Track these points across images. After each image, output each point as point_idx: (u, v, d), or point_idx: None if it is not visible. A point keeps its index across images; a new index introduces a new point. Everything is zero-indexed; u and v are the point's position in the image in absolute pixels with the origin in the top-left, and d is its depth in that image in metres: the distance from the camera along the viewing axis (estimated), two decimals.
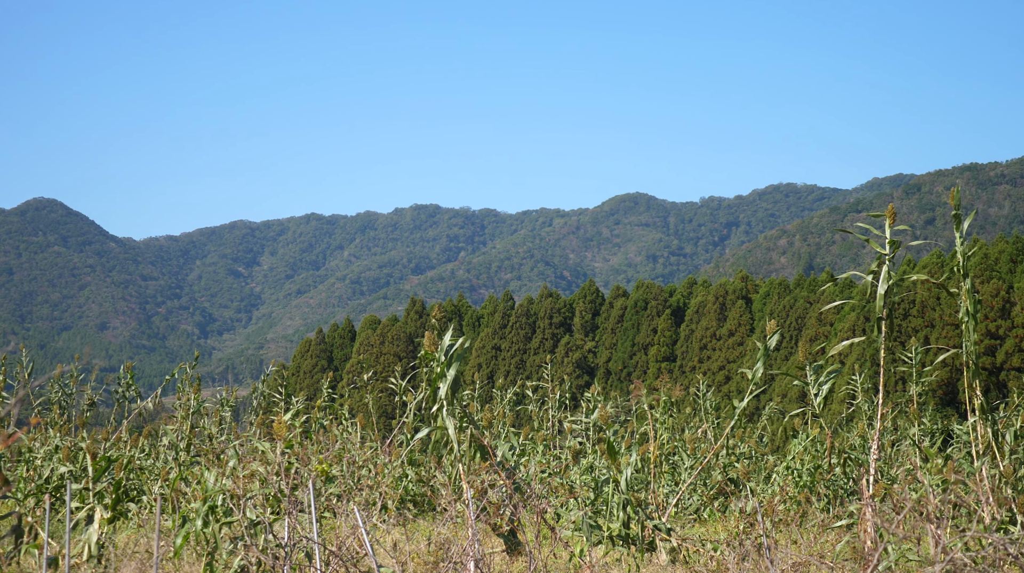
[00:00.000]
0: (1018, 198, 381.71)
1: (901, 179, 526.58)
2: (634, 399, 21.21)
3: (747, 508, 13.78)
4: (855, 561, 12.45)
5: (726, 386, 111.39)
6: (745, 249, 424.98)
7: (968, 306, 14.31)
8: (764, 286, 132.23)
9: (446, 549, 12.18)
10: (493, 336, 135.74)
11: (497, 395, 29.29)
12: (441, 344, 13.48)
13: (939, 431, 21.07)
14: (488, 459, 13.62)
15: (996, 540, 9.21)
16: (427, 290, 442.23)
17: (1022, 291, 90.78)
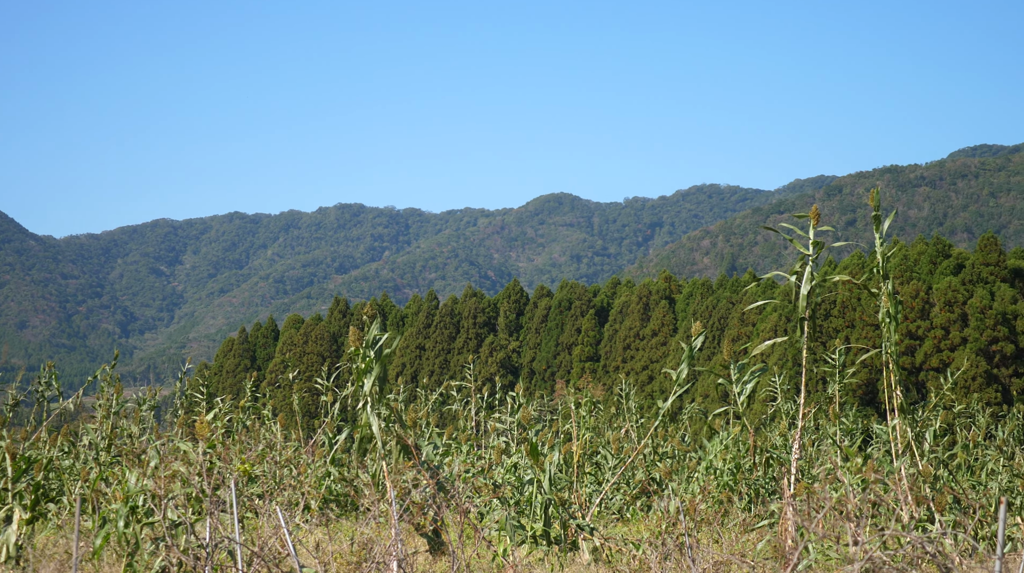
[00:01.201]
0: (937, 200, 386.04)
1: (822, 181, 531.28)
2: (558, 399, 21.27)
3: (669, 507, 13.83)
4: (776, 560, 12.54)
5: (649, 386, 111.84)
6: (669, 249, 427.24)
7: (888, 307, 14.45)
8: (687, 286, 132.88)
9: (369, 549, 12.14)
10: (417, 336, 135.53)
11: (421, 395, 29.26)
12: (366, 339, 13.44)
13: (859, 431, 21.25)
14: (412, 458, 13.60)
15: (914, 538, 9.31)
16: (351, 289, 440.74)
17: (941, 292, 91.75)
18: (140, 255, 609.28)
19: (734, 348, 15.44)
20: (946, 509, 13.87)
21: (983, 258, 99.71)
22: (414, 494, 13.48)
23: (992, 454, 19.30)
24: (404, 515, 13.10)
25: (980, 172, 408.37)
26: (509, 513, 14.15)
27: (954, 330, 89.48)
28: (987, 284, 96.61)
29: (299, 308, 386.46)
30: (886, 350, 14.46)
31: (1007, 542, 14.54)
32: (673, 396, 15.59)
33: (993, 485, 17.68)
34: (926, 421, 18.14)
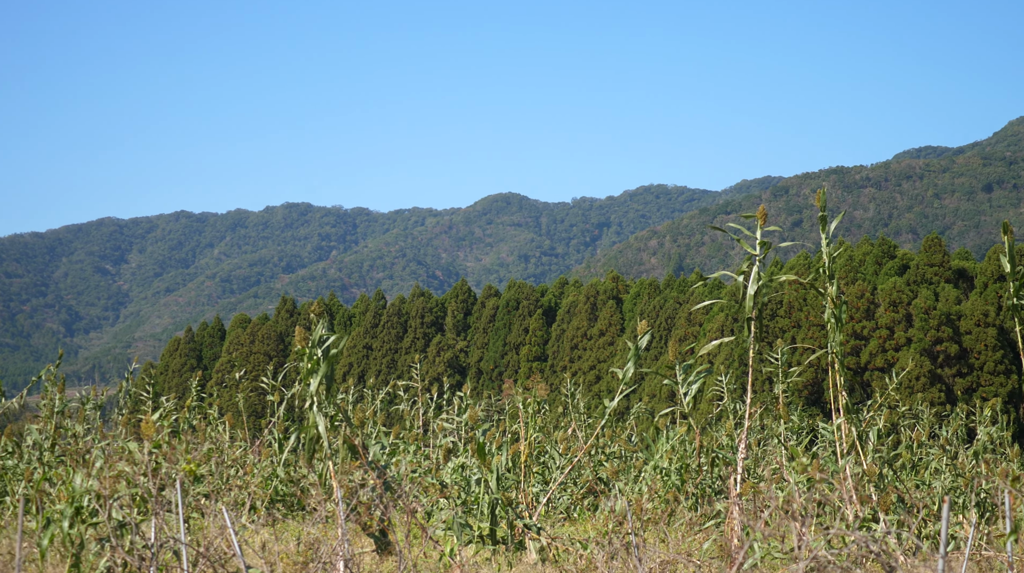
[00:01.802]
0: (882, 201, 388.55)
1: (769, 181, 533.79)
2: (505, 398, 21.27)
3: (616, 507, 13.86)
4: (722, 559, 12.59)
5: (596, 386, 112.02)
6: (616, 249, 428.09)
7: (833, 307, 14.52)
8: (635, 286, 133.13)
9: (315, 549, 12.11)
10: (364, 335, 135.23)
11: (368, 394, 29.20)
12: (313, 339, 13.40)
13: (805, 430, 21.36)
14: (359, 458, 13.58)
15: (859, 537, 9.37)
16: (298, 289, 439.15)
17: (886, 293, 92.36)
18: (85, 254, 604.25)
19: (681, 348, 15.49)
20: (890, 508, 13.95)
21: (928, 259, 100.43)
22: (361, 494, 13.46)
23: (936, 453, 19.43)
24: (351, 515, 13.08)
25: (925, 173, 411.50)
26: (456, 513, 14.15)
27: (899, 330, 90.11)
28: (931, 285, 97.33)
29: (246, 307, 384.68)
30: (831, 350, 14.54)
31: (950, 541, 14.65)
32: (620, 395, 15.62)
33: (937, 484, 17.80)
34: (871, 421, 18.26)
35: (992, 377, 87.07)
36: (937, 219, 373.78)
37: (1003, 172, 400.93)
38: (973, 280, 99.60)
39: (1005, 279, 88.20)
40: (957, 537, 14.67)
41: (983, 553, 12.42)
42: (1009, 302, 13.91)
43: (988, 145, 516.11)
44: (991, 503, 16.59)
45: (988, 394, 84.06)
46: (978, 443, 20.29)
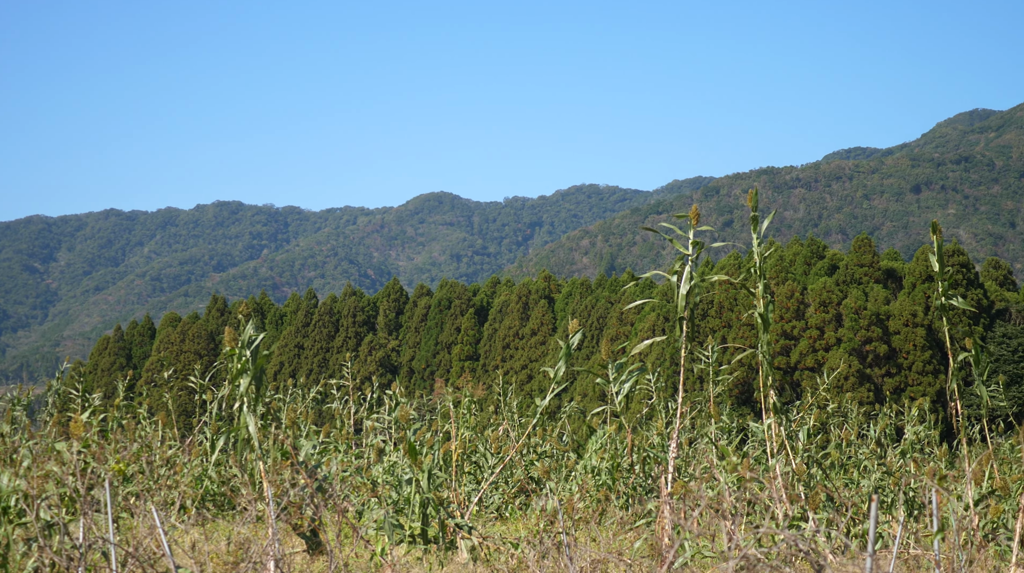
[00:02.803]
0: (812, 202, 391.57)
1: (700, 182, 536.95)
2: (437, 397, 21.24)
3: (547, 506, 13.87)
4: (653, 558, 12.62)
5: (528, 385, 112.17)
6: (548, 249, 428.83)
7: (763, 307, 14.60)
8: (567, 286, 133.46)
9: (246, 549, 12.05)
10: (296, 334, 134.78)
11: (300, 394, 29.09)
12: (242, 338, 13.33)
13: (736, 429, 21.46)
14: (290, 458, 13.53)
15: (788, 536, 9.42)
16: (229, 288, 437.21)
17: (816, 293, 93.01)
18: (13, 252, 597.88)
19: (612, 347, 15.52)
20: (820, 507, 14.05)
21: (857, 259, 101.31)
22: (292, 494, 13.40)
23: (864, 453, 19.59)
24: (282, 515, 13.03)
25: (854, 174, 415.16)
26: (387, 512, 14.12)
27: (829, 330, 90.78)
28: (861, 285, 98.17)
29: (177, 306, 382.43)
30: (761, 350, 14.61)
31: (878, 539, 14.77)
32: (551, 394, 15.63)
33: (865, 483, 17.95)
34: (801, 420, 18.37)
35: (920, 377, 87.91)
36: (866, 220, 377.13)
37: (931, 173, 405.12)
38: (902, 280, 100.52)
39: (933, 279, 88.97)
40: (885, 535, 14.78)
41: (911, 551, 12.53)
42: (937, 302, 14.02)
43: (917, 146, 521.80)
44: (919, 502, 16.74)
45: (916, 394, 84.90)
46: (906, 442, 20.47)
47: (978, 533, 12.63)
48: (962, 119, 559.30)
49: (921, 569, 12.29)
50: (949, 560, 10.92)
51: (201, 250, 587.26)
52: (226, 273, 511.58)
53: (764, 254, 14.67)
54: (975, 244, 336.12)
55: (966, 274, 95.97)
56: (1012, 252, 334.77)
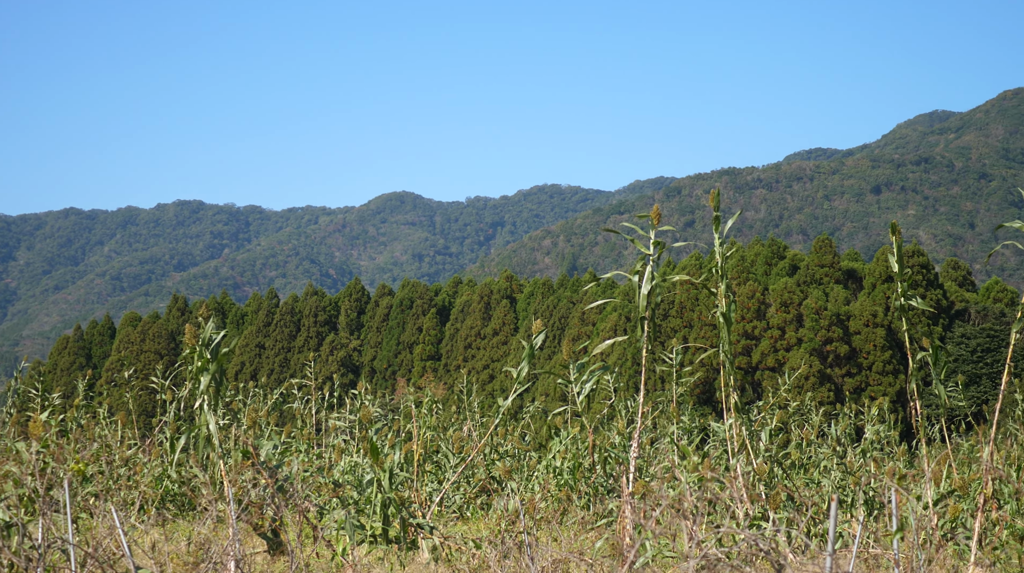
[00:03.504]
0: (773, 202, 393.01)
1: (662, 182, 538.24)
2: (399, 397, 21.22)
3: (509, 506, 13.87)
4: (614, 557, 12.64)
5: (490, 385, 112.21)
6: (510, 249, 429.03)
7: (725, 307, 14.63)
8: (528, 286, 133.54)
9: (206, 549, 12.01)
10: (257, 334, 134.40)
11: (260, 394, 29.02)
12: (203, 337, 13.28)
13: (697, 429, 21.51)
14: (251, 458, 13.49)
15: (749, 536, 9.45)
16: (190, 287, 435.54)
17: (777, 293, 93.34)
18: None
19: (574, 347, 15.53)
20: (780, 507, 14.08)
21: (818, 259, 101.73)
22: (253, 494, 13.36)
23: (825, 452, 19.65)
24: (242, 515, 12.99)
25: (815, 175, 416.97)
26: (349, 512, 14.10)
27: (790, 330, 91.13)
28: (821, 285, 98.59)
29: (137, 306, 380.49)
30: (722, 350, 14.64)
31: (838, 539, 14.83)
32: (514, 394, 15.63)
33: (826, 483, 18.02)
34: (762, 420, 18.42)
35: (880, 377, 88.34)
36: (827, 220, 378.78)
37: (891, 174, 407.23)
38: (862, 281, 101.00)
39: (893, 280, 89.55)
40: (845, 535, 14.85)
41: (870, 551, 12.58)
42: (897, 303, 14.08)
43: (877, 147, 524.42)
44: (879, 501, 16.82)
45: (876, 393, 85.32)
46: (866, 442, 20.56)
47: (937, 532, 12.70)
48: (922, 120, 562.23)
49: (880, 568, 12.35)
50: (908, 559, 10.98)
51: (162, 249, 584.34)
52: (187, 272, 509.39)
53: (726, 254, 14.71)
54: (935, 245, 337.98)
55: (926, 275, 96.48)
56: (971, 253, 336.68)
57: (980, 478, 14.47)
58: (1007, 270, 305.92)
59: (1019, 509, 18.42)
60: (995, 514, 14.56)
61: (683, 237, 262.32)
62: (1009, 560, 12.85)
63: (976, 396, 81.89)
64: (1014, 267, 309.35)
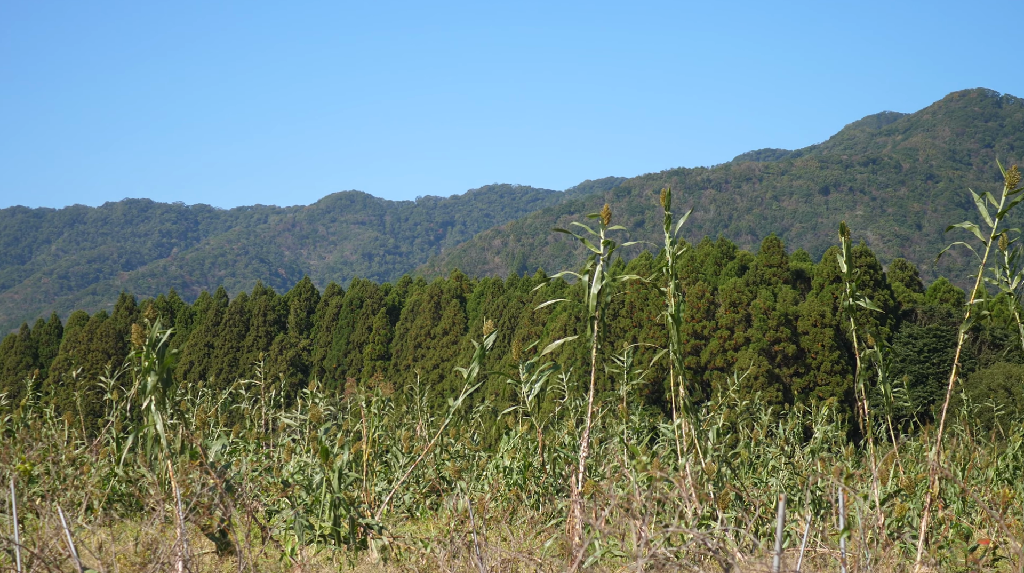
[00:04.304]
0: (723, 202, 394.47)
1: (612, 182, 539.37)
2: (348, 397, 21.18)
3: (458, 506, 13.87)
4: (563, 557, 12.65)
5: (440, 384, 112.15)
6: (460, 248, 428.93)
7: (674, 307, 14.66)
8: (479, 285, 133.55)
9: (154, 550, 11.94)
10: (206, 333, 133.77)
11: (209, 393, 28.88)
12: (150, 337, 13.21)
13: (646, 429, 21.55)
14: (199, 458, 13.43)
15: (697, 535, 9.48)
16: (138, 286, 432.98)
17: (726, 293, 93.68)
18: None
19: (524, 347, 15.53)
20: (729, 506, 14.14)
21: (766, 260, 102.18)
22: (201, 494, 13.30)
23: (773, 452, 19.74)
24: (190, 515, 12.92)
25: (764, 176, 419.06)
26: (298, 512, 14.06)
27: (738, 330, 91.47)
28: (770, 286, 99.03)
29: (85, 305, 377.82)
30: (671, 350, 14.67)
31: (786, 538, 14.90)
32: (464, 394, 15.61)
33: (774, 482, 18.09)
34: (710, 420, 18.48)
35: (828, 377, 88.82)
36: (776, 221, 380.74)
37: (839, 175, 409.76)
38: (810, 281, 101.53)
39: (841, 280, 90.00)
40: (793, 534, 14.92)
41: (818, 550, 12.64)
42: (845, 303, 14.16)
43: (825, 148, 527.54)
44: (826, 500, 16.91)
45: (824, 393, 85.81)
46: (814, 442, 20.66)
47: (884, 531, 12.77)
48: (870, 122, 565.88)
49: (828, 567, 12.41)
50: (855, 558, 11.04)
51: (110, 248, 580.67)
52: (135, 271, 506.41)
53: (676, 254, 14.74)
54: (882, 245, 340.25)
55: (873, 275, 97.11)
56: (918, 253, 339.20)
57: (927, 478, 14.57)
58: (954, 271, 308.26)
59: (964, 508, 18.58)
60: (941, 513, 14.66)
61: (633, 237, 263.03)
62: (955, 559, 12.93)
63: (923, 396, 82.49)
64: (960, 268, 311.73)
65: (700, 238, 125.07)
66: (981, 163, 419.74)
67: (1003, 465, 21.27)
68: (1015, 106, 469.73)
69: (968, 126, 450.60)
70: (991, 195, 13.63)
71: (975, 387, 72.11)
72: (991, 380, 73.87)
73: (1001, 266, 13.87)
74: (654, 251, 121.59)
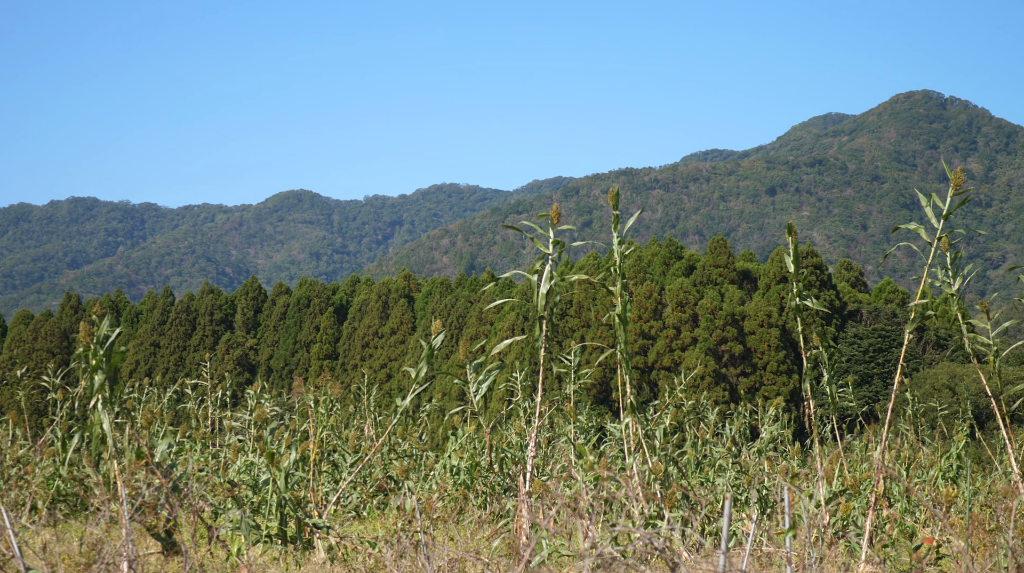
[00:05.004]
0: (670, 203, 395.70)
1: (560, 182, 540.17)
2: (296, 396, 21.14)
3: (406, 505, 13.86)
4: (510, 557, 12.66)
5: (388, 384, 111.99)
6: (408, 248, 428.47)
7: (621, 307, 14.69)
8: (427, 285, 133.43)
9: (99, 550, 11.87)
10: (152, 333, 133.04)
11: (156, 392, 28.73)
12: (98, 334, 13.13)
13: (594, 429, 21.59)
14: (145, 457, 13.36)
15: (644, 534, 9.51)
16: (84, 285, 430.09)
17: (673, 293, 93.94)
18: None
19: (471, 347, 15.52)
20: (675, 505, 14.17)
21: (713, 260, 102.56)
22: (146, 494, 13.24)
23: (720, 451, 19.82)
24: (136, 515, 12.86)
25: (711, 176, 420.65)
26: (244, 512, 14.00)
27: (685, 330, 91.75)
28: (717, 285, 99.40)
29: (29, 303, 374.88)
30: (619, 350, 14.69)
31: (732, 537, 14.96)
32: (412, 394, 15.58)
33: (720, 481, 18.17)
34: (658, 419, 18.53)
35: (775, 376, 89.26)
36: (723, 221, 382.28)
37: (786, 176, 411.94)
38: (757, 281, 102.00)
39: (788, 280, 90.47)
40: (739, 533, 14.98)
41: (764, 549, 12.70)
42: (792, 303, 14.24)
43: (772, 149, 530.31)
44: (772, 500, 16.99)
45: (771, 393, 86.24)
46: (761, 441, 20.76)
47: (829, 530, 12.85)
48: (816, 123, 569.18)
49: (773, 566, 12.47)
50: (801, 557, 11.11)
51: (55, 247, 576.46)
52: (81, 270, 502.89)
53: (624, 254, 14.76)
54: (828, 246, 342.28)
55: (820, 275, 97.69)
56: (864, 254, 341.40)
57: (871, 477, 14.66)
58: (899, 271, 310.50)
59: (909, 507, 18.72)
60: (886, 512, 14.76)
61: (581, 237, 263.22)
62: (899, 557, 13.02)
63: (868, 396, 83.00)
64: (906, 268, 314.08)
65: (648, 238, 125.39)
66: (926, 164, 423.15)
67: (947, 464, 21.45)
68: (959, 108, 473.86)
69: (913, 127, 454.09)
70: (936, 196, 13.74)
71: (920, 387, 72.66)
72: (935, 380, 74.45)
73: (944, 267, 13.98)
74: (602, 251, 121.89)
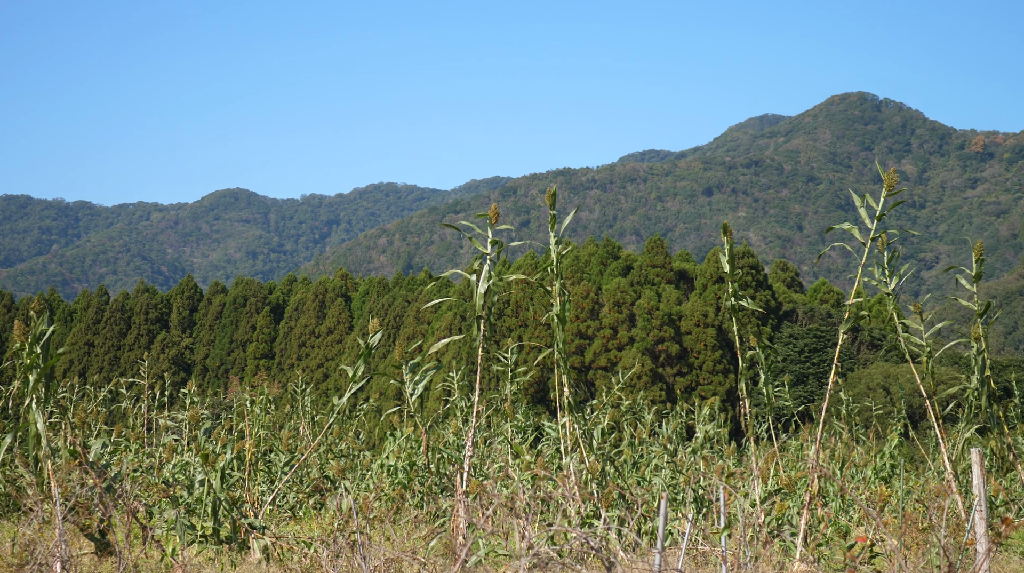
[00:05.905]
0: (607, 203, 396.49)
1: (498, 182, 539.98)
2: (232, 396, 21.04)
3: (342, 505, 13.83)
4: (447, 556, 12.67)
5: (324, 383, 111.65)
6: (346, 247, 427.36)
7: (559, 307, 14.72)
8: (364, 284, 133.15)
9: (31, 550, 11.78)
10: (86, 332, 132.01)
11: (90, 392, 28.52)
12: (34, 332, 13.03)
13: (531, 428, 21.63)
14: (79, 457, 13.27)
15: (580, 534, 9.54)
16: (17, 284, 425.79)
17: (610, 293, 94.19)
18: None
19: (408, 346, 15.51)
20: (612, 505, 14.22)
21: (650, 260, 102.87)
22: (80, 493, 13.14)
23: (656, 451, 19.89)
24: (69, 515, 12.77)
25: (648, 176, 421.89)
26: (179, 512, 13.93)
27: (622, 330, 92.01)
28: (654, 285, 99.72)
29: None
30: (557, 349, 14.73)
31: (668, 536, 15.02)
32: (348, 393, 15.56)
33: (657, 481, 18.23)
34: (595, 419, 18.58)
35: (711, 376, 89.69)
36: (660, 221, 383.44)
37: (723, 176, 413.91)
38: (693, 281, 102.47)
39: (724, 280, 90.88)
40: (675, 532, 15.05)
41: (699, 548, 12.77)
42: (728, 303, 14.33)
43: (709, 150, 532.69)
44: (708, 499, 17.07)
45: (707, 393, 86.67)
46: (696, 441, 20.86)
47: (764, 529, 12.93)
48: (752, 124, 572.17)
49: (709, 565, 12.54)
50: (736, 556, 11.18)
51: None
52: (14, 269, 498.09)
53: (561, 254, 14.80)
54: (764, 246, 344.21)
55: (756, 276, 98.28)
56: (799, 254, 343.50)
57: (806, 476, 14.77)
58: (834, 271, 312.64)
59: (843, 506, 18.87)
60: (820, 511, 14.87)
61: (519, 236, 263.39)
62: (833, 556, 13.13)
63: (803, 395, 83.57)
64: (840, 269, 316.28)
65: (585, 238, 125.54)
66: (861, 165, 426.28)
67: (880, 464, 21.66)
68: (894, 110, 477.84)
69: (848, 129, 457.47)
70: (870, 197, 13.86)
71: (854, 387, 73.26)
72: (870, 380, 75.10)
73: (880, 267, 14.10)
74: (539, 251, 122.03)
